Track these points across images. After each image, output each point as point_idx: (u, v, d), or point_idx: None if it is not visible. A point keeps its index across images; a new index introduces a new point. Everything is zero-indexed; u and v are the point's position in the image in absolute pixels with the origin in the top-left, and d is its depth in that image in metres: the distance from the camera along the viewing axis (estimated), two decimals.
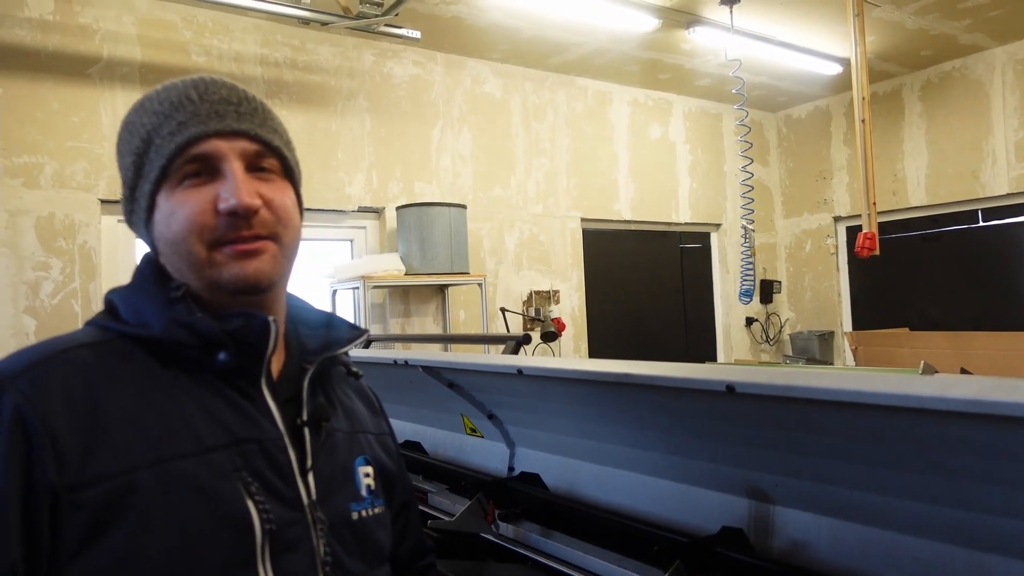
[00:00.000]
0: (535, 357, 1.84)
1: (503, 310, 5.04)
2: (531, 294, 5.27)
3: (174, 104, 0.84)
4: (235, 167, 0.83)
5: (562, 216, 5.51)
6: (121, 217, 3.86)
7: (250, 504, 0.78)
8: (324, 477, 0.88)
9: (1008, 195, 5.37)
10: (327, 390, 0.97)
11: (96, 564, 0.69)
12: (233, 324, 0.82)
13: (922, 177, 5.82)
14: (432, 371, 1.91)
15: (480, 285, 4.71)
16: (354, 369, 1.04)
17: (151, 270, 0.87)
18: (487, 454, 2.08)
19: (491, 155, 5.17)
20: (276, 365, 0.90)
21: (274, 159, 0.88)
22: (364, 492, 0.94)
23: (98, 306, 3.67)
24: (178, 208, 0.82)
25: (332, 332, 0.97)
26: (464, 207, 4.58)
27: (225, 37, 4.14)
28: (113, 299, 0.87)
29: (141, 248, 0.91)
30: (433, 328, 4.86)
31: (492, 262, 5.12)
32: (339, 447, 0.93)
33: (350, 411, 1.00)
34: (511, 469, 1.98)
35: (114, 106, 3.79)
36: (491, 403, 1.93)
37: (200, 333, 0.80)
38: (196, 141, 0.82)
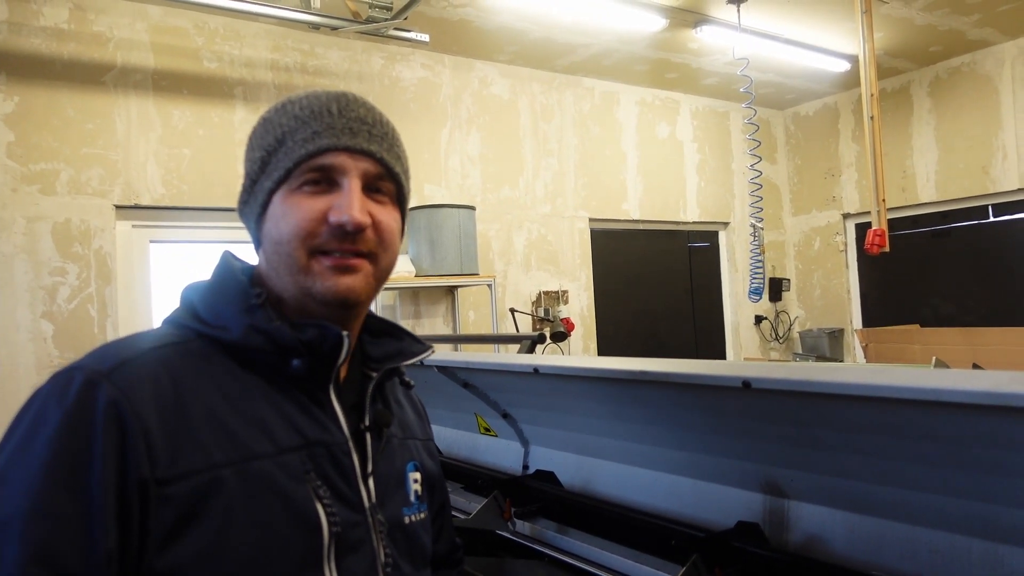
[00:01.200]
0: (550, 356, 1.85)
1: (512, 311, 5.06)
2: (540, 294, 5.29)
3: (314, 113, 0.87)
4: (354, 184, 0.86)
5: (570, 216, 5.52)
6: (136, 222, 3.92)
7: (318, 506, 0.81)
8: (382, 482, 0.91)
9: (1019, 190, 5.35)
10: (385, 397, 0.99)
11: (183, 556, 0.72)
12: (308, 334, 0.84)
13: (932, 173, 5.80)
14: (447, 371, 1.93)
15: (489, 286, 4.73)
16: (407, 379, 1.06)
17: (230, 271, 0.89)
18: (501, 453, 2.10)
19: (499, 156, 5.19)
20: (342, 372, 0.92)
21: (391, 184, 0.91)
22: (413, 497, 0.97)
23: (114, 311, 3.73)
24: (290, 211, 0.85)
25: (397, 344, 1.00)
26: (473, 208, 4.59)
27: (236, 43, 4.17)
28: (192, 298, 0.89)
29: (156, 254, 0.93)
30: (443, 329, 4.88)
31: (501, 263, 5.14)
32: (394, 453, 0.96)
33: (401, 418, 1.03)
34: (526, 467, 2.00)
35: (128, 113, 3.84)
36: (505, 402, 1.95)
37: (276, 341, 0.83)
38: (325, 152, 0.85)
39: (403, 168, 0.93)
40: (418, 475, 1.00)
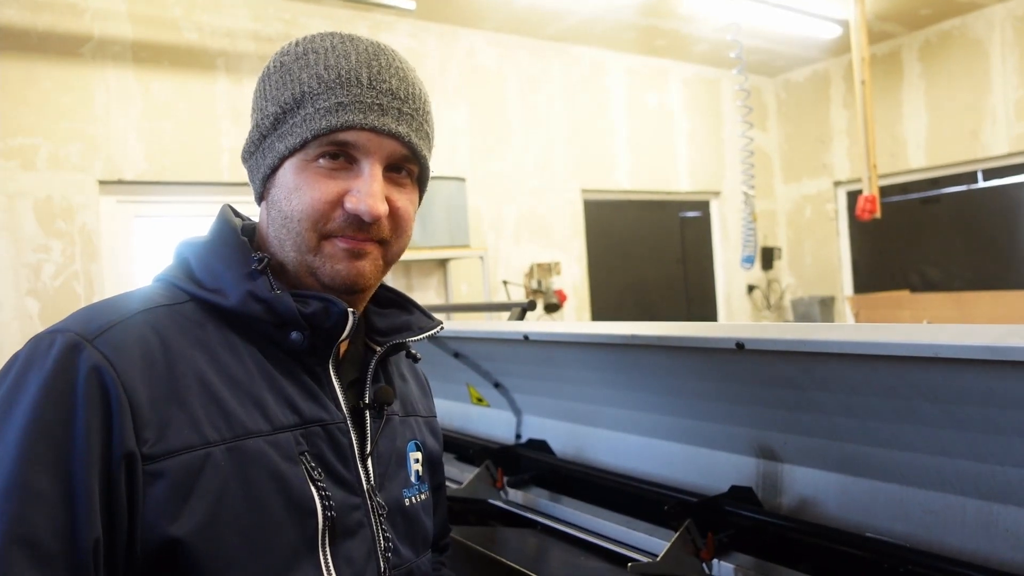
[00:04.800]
0: (541, 322, 1.83)
1: (505, 283, 5.04)
2: (532, 266, 5.27)
3: (341, 78, 0.79)
4: (375, 170, 0.79)
5: (561, 187, 5.48)
6: (120, 198, 3.85)
7: (312, 489, 0.76)
8: (382, 462, 0.87)
9: (1008, 155, 5.34)
10: (387, 372, 0.94)
11: (175, 535, 0.68)
12: (311, 307, 0.79)
13: (922, 139, 5.78)
14: (436, 340, 1.91)
15: (481, 258, 4.71)
16: (413, 351, 1.01)
17: (231, 231, 0.84)
18: (494, 423, 2.09)
19: (488, 128, 5.13)
20: (342, 346, 0.87)
21: (415, 165, 0.85)
22: (414, 478, 0.93)
23: (100, 288, 3.68)
24: (304, 188, 0.79)
25: (405, 317, 0.94)
26: (463, 180, 4.55)
27: (216, 12, 4.08)
28: (188, 256, 0.83)
29: (141, 230, 0.88)
30: (436, 302, 4.86)
31: (492, 235, 5.10)
32: (395, 432, 0.92)
33: (404, 393, 0.98)
34: (518, 437, 1.99)
35: (107, 85, 3.75)
36: (497, 371, 1.94)
37: (277, 312, 0.78)
38: (349, 129, 0.78)
39: (429, 146, 0.87)
40: (419, 455, 0.95)
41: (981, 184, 5.61)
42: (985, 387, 0.85)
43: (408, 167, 0.84)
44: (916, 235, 6.03)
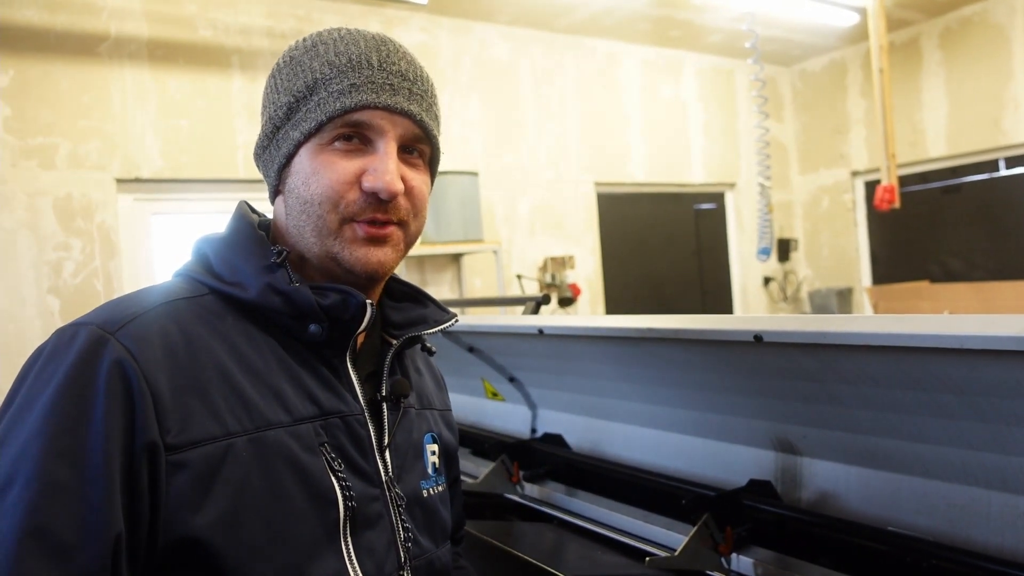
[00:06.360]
0: (555, 316, 1.83)
1: (519, 277, 5.03)
2: (546, 260, 5.25)
3: (352, 62, 0.81)
4: (390, 148, 0.81)
5: (575, 180, 5.45)
6: (137, 196, 3.88)
7: (333, 479, 0.77)
8: (399, 454, 0.88)
9: None
10: (403, 365, 0.95)
11: (197, 526, 0.68)
12: (330, 299, 0.80)
13: (942, 127, 5.69)
14: (451, 335, 1.91)
15: (495, 252, 4.70)
16: (428, 344, 1.02)
17: (249, 225, 0.84)
18: (509, 417, 2.08)
19: (501, 121, 5.12)
20: (359, 339, 0.88)
21: (427, 146, 0.87)
22: (431, 470, 0.94)
23: (119, 285, 3.71)
24: (322, 171, 0.80)
25: (420, 310, 0.95)
26: (476, 174, 4.54)
27: (231, 10, 4.09)
28: (207, 251, 0.84)
29: (158, 228, 0.89)
30: (449, 297, 4.86)
31: (506, 229, 5.09)
32: (412, 424, 0.93)
33: (419, 387, 0.99)
34: (534, 431, 1.99)
35: (124, 84, 3.78)
36: (512, 366, 1.93)
37: (295, 304, 0.79)
38: (363, 109, 0.80)
39: (439, 129, 0.89)
40: (436, 447, 0.96)
41: (1003, 172, 5.52)
42: (1011, 379, 0.83)
43: (420, 148, 0.86)
44: (936, 225, 5.95)
